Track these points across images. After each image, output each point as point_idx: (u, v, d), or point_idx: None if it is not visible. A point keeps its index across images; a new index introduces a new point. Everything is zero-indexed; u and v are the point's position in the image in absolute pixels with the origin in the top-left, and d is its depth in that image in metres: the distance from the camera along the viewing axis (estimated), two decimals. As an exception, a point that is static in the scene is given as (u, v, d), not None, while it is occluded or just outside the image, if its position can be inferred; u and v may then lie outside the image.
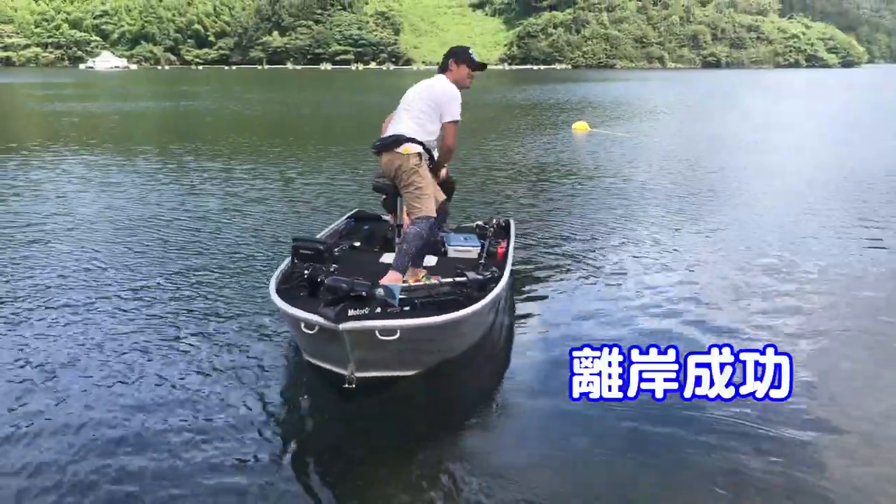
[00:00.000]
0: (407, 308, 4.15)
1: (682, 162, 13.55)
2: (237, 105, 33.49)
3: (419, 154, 4.82)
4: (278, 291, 4.32)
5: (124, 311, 5.45)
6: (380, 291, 4.03)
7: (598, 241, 7.77)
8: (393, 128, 4.94)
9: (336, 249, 5.34)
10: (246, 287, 6.07)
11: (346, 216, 6.58)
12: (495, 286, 4.69)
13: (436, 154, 5.08)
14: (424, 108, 4.90)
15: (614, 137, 17.58)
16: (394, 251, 5.18)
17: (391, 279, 4.47)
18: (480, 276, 4.72)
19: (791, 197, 10.30)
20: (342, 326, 3.76)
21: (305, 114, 29.47)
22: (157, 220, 8.61)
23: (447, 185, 5.92)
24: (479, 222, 6.65)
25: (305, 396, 4.15)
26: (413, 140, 4.81)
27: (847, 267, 6.70)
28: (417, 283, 4.64)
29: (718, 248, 7.36)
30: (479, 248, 5.73)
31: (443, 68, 5.12)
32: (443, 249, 5.64)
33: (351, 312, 3.84)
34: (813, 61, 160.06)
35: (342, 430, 3.90)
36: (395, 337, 3.87)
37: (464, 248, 5.69)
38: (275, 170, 12.77)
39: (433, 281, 4.73)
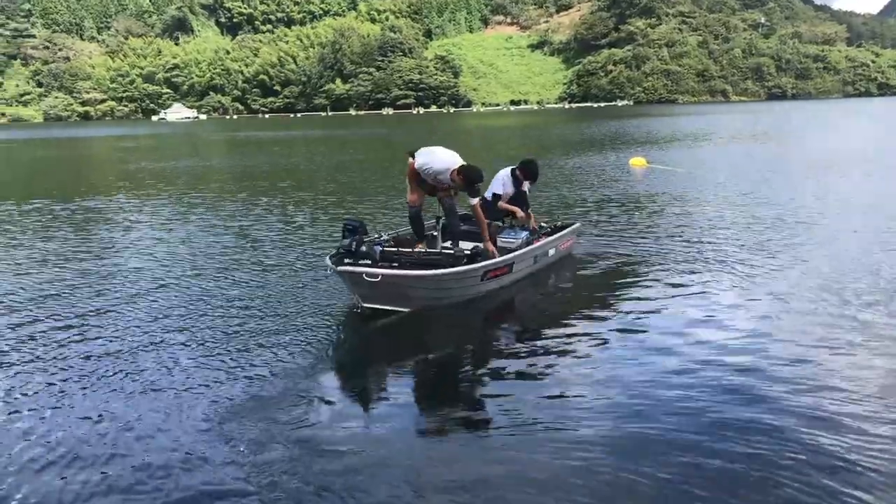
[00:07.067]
0: (395, 264, 6.16)
1: (744, 196, 13.00)
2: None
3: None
4: (332, 256, 6.21)
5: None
6: (364, 249, 6.05)
7: (646, 263, 7.85)
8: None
9: (409, 236, 7.11)
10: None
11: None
12: (481, 261, 6.25)
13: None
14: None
15: (672, 173, 17.03)
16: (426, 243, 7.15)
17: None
18: (467, 251, 6.39)
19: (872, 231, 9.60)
20: (339, 269, 5.86)
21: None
22: (261, 243, 9.10)
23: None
24: (543, 223, 8.10)
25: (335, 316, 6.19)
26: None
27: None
28: (406, 250, 6.58)
29: (784, 281, 6.91)
30: (521, 239, 7.13)
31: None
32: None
33: (346, 261, 5.99)
34: (885, 89, 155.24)
35: (352, 340, 5.80)
36: (377, 279, 5.78)
37: (508, 239, 7.14)
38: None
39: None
